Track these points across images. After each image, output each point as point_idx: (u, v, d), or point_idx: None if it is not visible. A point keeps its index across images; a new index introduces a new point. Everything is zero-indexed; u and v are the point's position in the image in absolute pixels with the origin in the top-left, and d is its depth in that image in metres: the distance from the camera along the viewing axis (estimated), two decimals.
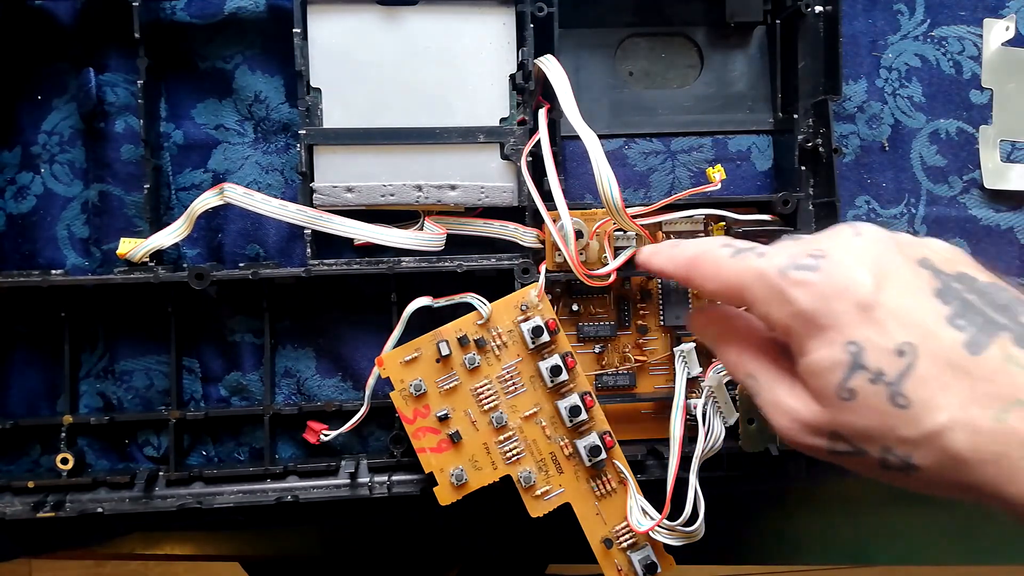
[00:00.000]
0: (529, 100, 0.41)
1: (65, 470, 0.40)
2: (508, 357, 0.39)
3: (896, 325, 0.26)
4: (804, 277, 0.27)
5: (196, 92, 0.43)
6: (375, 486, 0.40)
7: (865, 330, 0.26)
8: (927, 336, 0.25)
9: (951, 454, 0.25)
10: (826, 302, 0.27)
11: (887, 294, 0.26)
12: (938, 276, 0.27)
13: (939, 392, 0.25)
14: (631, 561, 0.39)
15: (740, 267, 0.29)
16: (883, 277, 0.27)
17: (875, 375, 0.26)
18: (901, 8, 0.46)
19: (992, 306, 0.26)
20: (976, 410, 0.24)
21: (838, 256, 0.27)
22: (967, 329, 0.25)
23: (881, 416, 0.26)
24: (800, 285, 0.27)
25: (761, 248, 0.29)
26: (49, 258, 0.42)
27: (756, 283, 0.28)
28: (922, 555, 0.51)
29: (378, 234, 0.40)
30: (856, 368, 0.26)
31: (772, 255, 0.29)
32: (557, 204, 0.38)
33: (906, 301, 0.26)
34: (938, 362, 0.25)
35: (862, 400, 0.26)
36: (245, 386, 0.43)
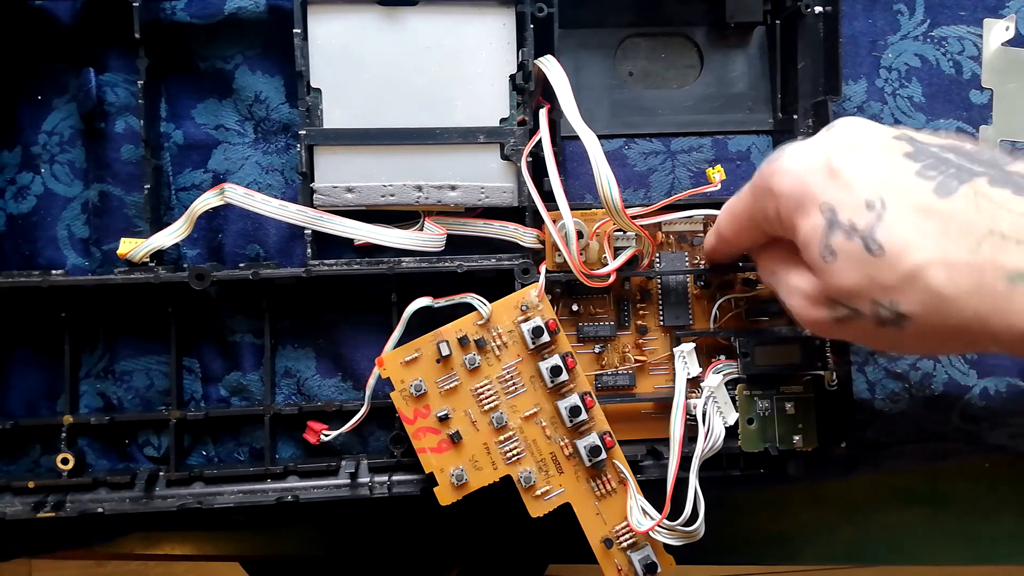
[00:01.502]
0: (529, 100, 0.41)
1: (65, 470, 0.40)
2: (508, 357, 0.39)
3: (863, 182, 0.27)
4: (773, 167, 0.30)
5: (196, 92, 0.43)
6: (375, 486, 0.40)
7: (835, 192, 0.28)
8: (894, 188, 0.27)
9: (933, 292, 0.25)
10: (798, 177, 0.29)
11: (853, 157, 0.28)
12: (913, 143, 0.28)
13: (911, 234, 0.26)
14: (631, 561, 0.39)
15: (742, 193, 0.33)
16: (854, 146, 0.28)
17: (849, 230, 0.27)
18: (901, 8, 0.46)
19: (972, 159, 0.27)
20: (950, 245, 0.25)
21: (803, 141, 0.30)
22: (936, 178, 0.26)
23: (861, 267, 0.27)
24: (775, 173, 0.30)
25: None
26: (49, 258, 0.42)
27: (754, 198, 0.32)
28: (922, 555, 0.51)
29: (378, 234, 0.40)
30: (832, 227, 0.28)
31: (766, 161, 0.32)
32: (559, 204, 0.38)
33: (873, 162, 0.28)
34: (907, 208, 0.26)
35: (842, 256, 0.28)
36: (245, 386, 0.43)
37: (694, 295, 0.42)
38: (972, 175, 0.26)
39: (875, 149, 0.28)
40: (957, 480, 0.51)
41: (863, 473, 0.46)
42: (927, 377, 0.43)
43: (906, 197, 0.26)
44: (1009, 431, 0.45)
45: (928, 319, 0.26)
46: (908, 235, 0.26)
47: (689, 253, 0.42)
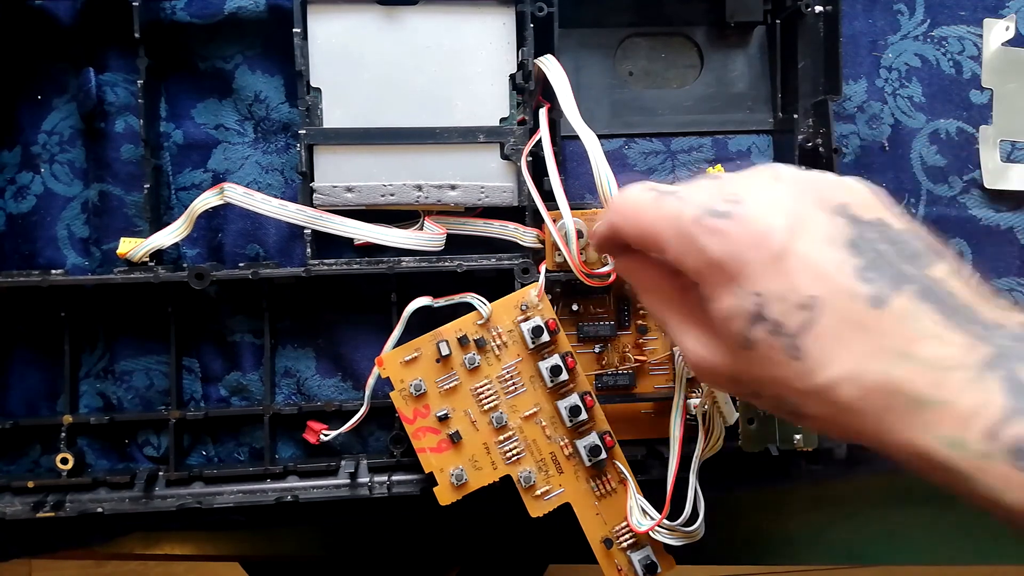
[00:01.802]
0: (529, 100, 0.41)
1: (65, 470, 0.40)
2: (508, 357, 0.39)
3: (804, 277, 0.26)
4: (717, 225, 0.27)
5: (196, 92, 0.43)
6: (375, 486, 0.40)
7: (772, 282, 0.26)
8: (835, 290, 0.25)
9: (839, 406, 0.25)
10: (737, 251, 0.27)
11: (799, 244, 0.26)
12: (854, 224, 0.27)
13: (836, 347, 0.25)
14: (631, 561, 0.39)
15: (658, 212, 0.29)
16: (797, 226, 0.26)
17: (775, 328, 0.26)
18: (901, 8, 0.46)
19: (903, 256, 0.26)
20: (869, 364, 0.25)
21: (753, 203, 0.27)
22: (875, 282, 0.25)
23: (778, 367, 0.26)
24: (712, 233, 0.27)
25: (682, 191, 0.29)
26: (49, 258, 0.42)
27: (671, 229, 0.28)
28: (922, 555, 0.51)
29: (378, 234, 0.40)
30: (758, 319, 0.26)
31: (688, 199, 0.28)
32: (559, 203, 0.38)
33: (817, 252, 0.26)
34: (840, 317, 0.25)
35: (760, 351, 0.26)
36: (245, 386, 0.43)
37: None
38: (903, 282, 0.25)
39: (820, 231, 0.26)
40: None
41: (863, 473, 0.46)
42: None
43: (841, 306, 0.25)
44: None
45: (828, 425, 0.26)
46: (833, 349, 0.25)
47: None
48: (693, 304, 0.30)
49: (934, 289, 0.25)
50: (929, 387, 0.24)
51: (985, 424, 0.23)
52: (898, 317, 0.25)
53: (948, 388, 0.24)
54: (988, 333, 0.24)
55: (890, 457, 0.25)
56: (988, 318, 0.25)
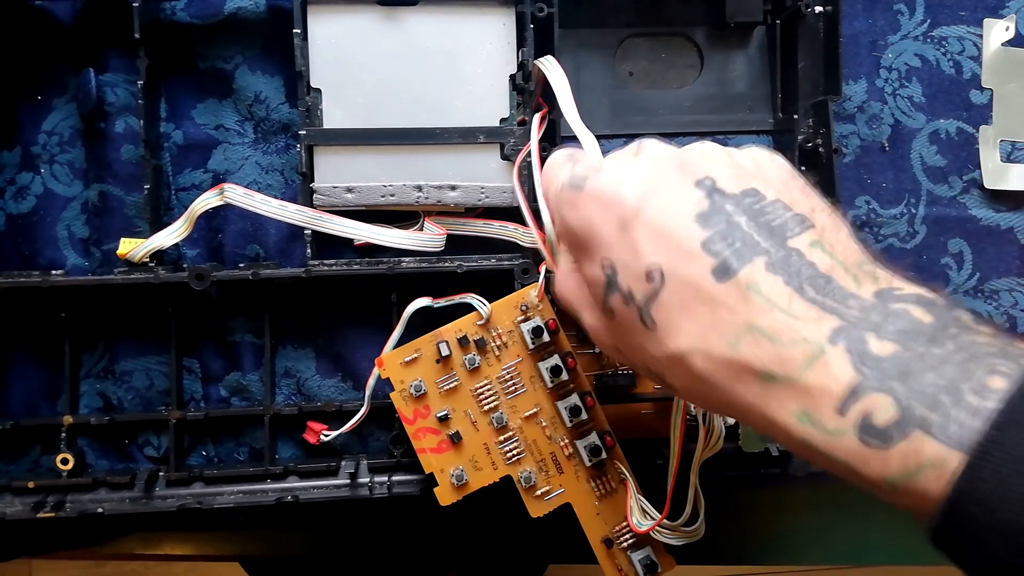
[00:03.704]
0: (529, 100, 0.41)
1: (65, 470, 0.40)
2: (508, 357, 0.39)
3: (649, 246, 0.26)
4: (571, 195, 0.28)
5: (196, 92, 0.43)
6: (375, 486, 0.40)
7: (620, 251, 0.26)
8: (679, 260, 0.25)
9: (695, 377, 0.25)
10: (588, 220, 0.27)
11: (647, 214, 0.26)
12: (711, 196, 0.26)
13: (681, 319, 0.25)
14: (631, 561, 0.39)
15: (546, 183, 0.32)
16: (648, 195, 0.26)
17: (627, 296, 0.26)
18: (901, 8, 0.46)
19: (761, 228, 0.25)
20: (713, 337, 0.24)
21: (607, 173, 0.28)
22: (721, 254, 0.25)
23: (636, 335, 0.27)
24: (568, 203, 0.28)
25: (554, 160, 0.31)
26: (49, 258, 0.42)
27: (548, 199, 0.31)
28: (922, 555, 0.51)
29: (378, 234, 0.40)
30: (612, 288, 0.27)
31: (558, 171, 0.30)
32: (541, 210, 0.38)
33: (665, 222, 0.26)
34: (684, 288, 0.25)
35: (619, 319, 0.27)
36: (245, 386, 0.43)
37: None
38: (754, 253, 0.25)
39: (671, 201, 0.26)
40: None
41: None
42: None
43: (684, 275, 0.25)
44: None
45: (693, 395, 0.26)
46: (677, 319, 0.25)
47: None
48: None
49: (789, 260, 0.24)
50: (775, 362, 0.23)
51: (834, 400, 0.22)
52: (743, 289, 0.24)
53: (793, 363, 0.23)
54: (840, 304, 0.24)
55: (757, 431, 0.25)
56: (846, 288, 0.24)
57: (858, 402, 0.22)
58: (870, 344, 0.22)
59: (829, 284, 0.24)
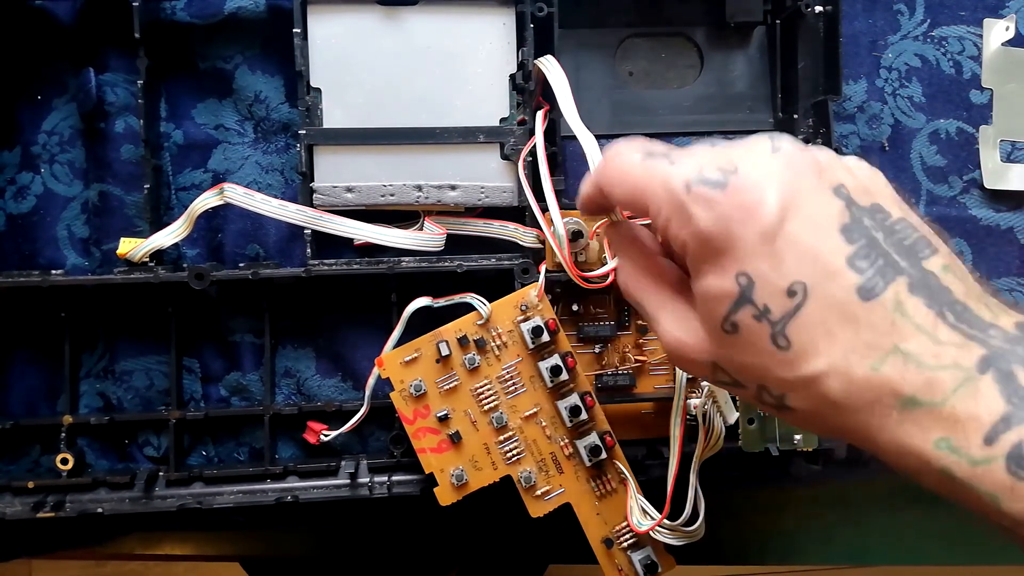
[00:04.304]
0: (529, 100, 0.41)
1: (65, 470, 0.40)
2: (508, 357, 0.39)
3: (794, 261, 0.24)
4: (708, 194, 0.25)
5: (196, 92, 0.43)
6: (375, 486, 0.40)
7: (760, 262, 0.25)
8: (824, 277, 0.24)
9: (825, 400, 0.24)
10: (727, 225, 0.25)
11: (792, 225, 0.25)
12: (850, 208, 0.25)
13: (822, 338, 0.24)
14: (631, 561, 0.39)
15: (647, 173, 0.27)
16: (791, 204, 0.25)
17: (760, 312, 0.25)
18: (901, 8, 0.46)
19: (897, 247, 0.25)
20: (855, 358, 0.24)
21: (747, 174, 0.25)
22: (865, 272, 0.24)
23: (760, 355, 0.25)
24: (703, 203, 0.25)
25: (675, 154, 0.27)
26: (49, 258, 0.42)
27: (660, 193, 0.26)
28: (922, 555, 0.51)
29: (378, 234, 0.40)
30: (744, 302, 0.25)
31: (682, 163, 0.26)
32: (550, 207, 0.38)
33: (810, 235, 0.24)
34: (827, 307, 0.24)
35: (744, 336, 0.25)
36: (245, 386, 0.43)
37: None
38: (896, 273, 0.24)
39: (815, 212, 0.25)
40: None
41: (863, 473, 0.46)
42: None
43: (829, 294, 0.24)
44: None
45: (814, 418, 0.25)
46: (817, 338, 0.24)
47: None
48: (674, 281, 0.29)
49: (928, 283, 0.24)
50: (920, 387, 0.23)
51: (982, 429, 0.22)
52: (888, 310, 0.23)
53: (940, 389, 0.23)
54: (982, 333, 0.23)
55: (878, 456, 0.24)
56: (983, 317, 0.24)
57: (1010, 431, 0.22)
58: (1019, 376, 0.22)
59: (967, 312, 0.24)
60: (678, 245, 0.26)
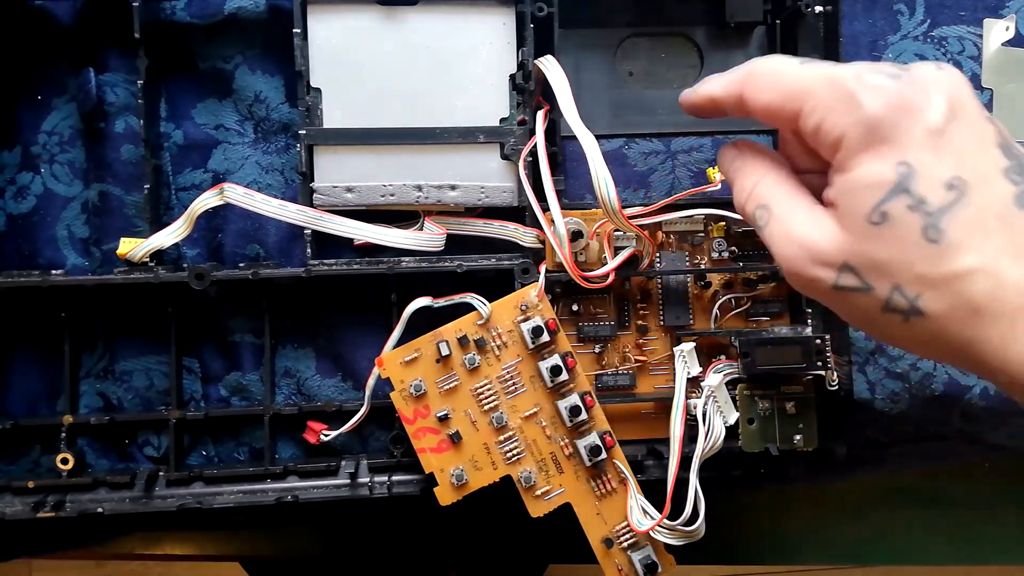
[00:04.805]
0: (529, 100, 0.41)
1: (65, 470, 0.40)
2: (508, 357, 0.39)
3: (956, 159, 0.25)
4: (882, 82, 0.26)
5: (196, 92, 0.43)
6: (375, 486, 0.40)
7: (923, 154, 0.25)
8: (982, 178, 0.25)
9: (967, 301, 0.24)
10: (896, 114, 0.26)
11: (956, 127, 0.25)
12: (1001, 134, 0.26)
13: (977, 235, 0.24)
14: (631, 561, 0.39)
15: (809, 72, 0.28)
16: (957, 111, 0.26)
17: (917, 202, 0.25)
18: (901, 8, 0.46)
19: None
20: (1007, 262, 0.24)
21: (920, 76, 0.26)
22: (1020, 184, 0.25)
23: (907, 247, 0.25)
24: (876, 89, 0.26)
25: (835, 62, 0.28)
26: (49, 258, 0.42)
27: (826, 87, 0.27)
28: (922, 555, 0.51)
29: (378, 234, 0.40)
30: (900, 191, 0.25)
31: (849, 64, 0.27)
32: (551, 206, 0.38)
33: (971, 140, 0.25)
34: (985, 206, 0.24)
35: (893, 227, 0.25)
36: (245, 386, 0.43)
37: (694, 295, 0.42)
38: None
39: (975, 123, 0.26)
40: (957, 480, 0.51)
41: (863, 473, 0.46)
42: (927, 377, 0.43)
43: (988, 193, 0.25)
44: (1009, 431, 0.45)
45: (944, 324, 0.25)
46: (971, 235, 0.24)
47: (689, 253, 0.42)
48: (806, 184, 0.29)
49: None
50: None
51: None
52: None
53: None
54: None
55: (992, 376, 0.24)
56: None
57: None
58: None
59: None
60: (833, 137, 0.27)
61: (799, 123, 0.28)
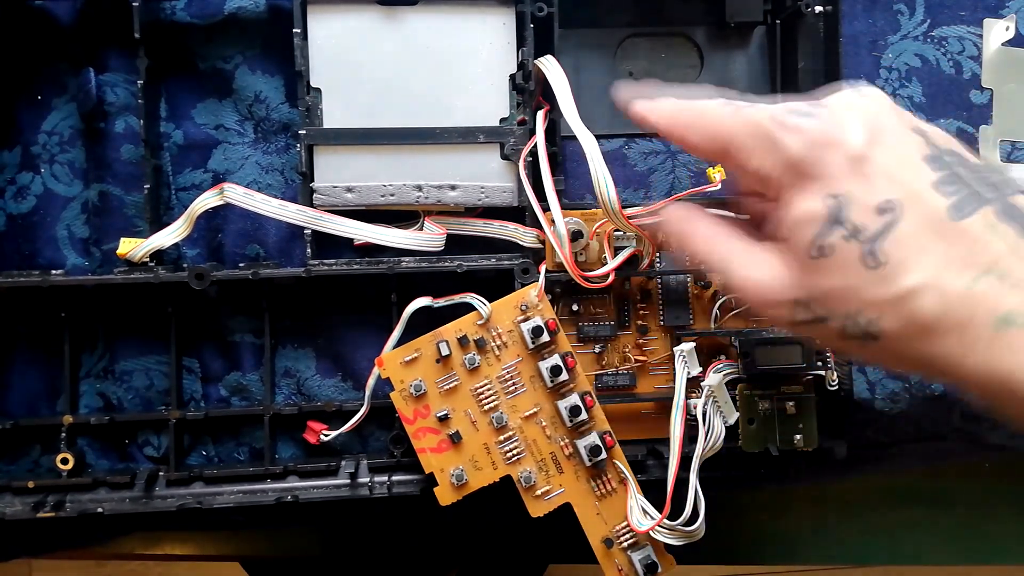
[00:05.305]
0: (529, 100, 0.41)
1: (65, 470, 0.40)
2: (508, 357, 0.39)
3: (883, 182, 0.25)
4: (798, 123, 0.27)
5: (196, 92, 0.43)
6: (375, 486, 0.40)
7: (850, 184, 0.25)
8: (913, 196, 0.25)
9: (917, 319, 0.24)
10: (816, 150, 0.26)
11: (879, 150, 0.26)
12: (930, 144, 0.26)
13: (916, 253, 0.24)
14: (631, 561, 0.39)
15: (732, 117, 0.28)
16: (877, 134, 0.26)
17: (852, 232, 0.25)
18: (901, 8, 0.46)
19: (980, 181, 0.25)
20: (950, 275, 0.24)
21: (835, 108, 0.27)
22: (952, 196, 0.25)
23: (851, 276, 0.25)
24: (793, 131, 0.27)
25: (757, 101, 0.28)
26: (49, 258, 0.42)
27: (746, 131, 0.27)
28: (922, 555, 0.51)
29: (378, 234, 0.40)
30: (834, 223, 0.25)
31: (768, 106, 0.28)
32: (551, 206, 0.38)
33: (896, 160, 0.26)
34: (920, 223, 0.25)
35: (834, 258, 0.25)
36: (245, 386, 0.43)
37: (694, 295, 0.42)
38: (983, 202, 0.25)
39: (899, 141, 0.26)
40: (957, 480, 0.51)
41: (863, 473, 0.46)
42: None
43: (922, 210, 0.25)
44: (1009, 431, 0.45)
45: (900, 344, 0.25)
46: (911, 254, 0.24)
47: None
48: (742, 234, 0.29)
49: (1015, 213, 0.24)
50: (1017, 305, 0.23)
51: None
52: (980, 231, 0.24)
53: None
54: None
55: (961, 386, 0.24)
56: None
57: None
58: None
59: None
60: (761, 177, 0.27)
61: (730, 164, 0.29)
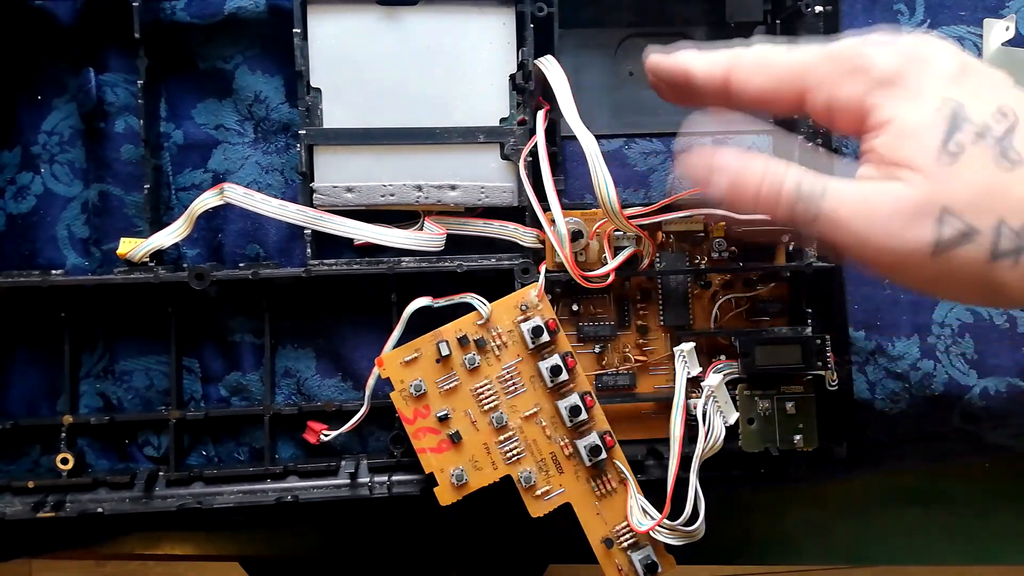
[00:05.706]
0: (529, 100, 0.41)
1: (65, 470, 0.40)
2: (508, 357, 0.39)
3: (990, 91, 0.25)
4: (883, 39, 0.25)
5: (196, 92, 0.43)
6: (375, 486, 0.40)
7: (960, 90, 0.24)
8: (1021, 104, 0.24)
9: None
10: (913, 63, 0.25)
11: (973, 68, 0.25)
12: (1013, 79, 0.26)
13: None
14: (631, 561, 0.39)
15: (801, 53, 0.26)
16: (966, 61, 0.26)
17: (981, 131, 0.24)
18: (901, 8, 0.46)
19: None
20: None
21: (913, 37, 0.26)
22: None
23: (990, 177, 0.23)
24: (882, 47, 0.25)
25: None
26: (49, 258, 0.42)
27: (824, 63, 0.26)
28: (922, 555, 0.51)
29: (378, 234, 0.40)
30: (961, 121, 0.24)
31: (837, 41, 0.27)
32: (551, 206, 0.38)
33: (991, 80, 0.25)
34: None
35: (968, 159, 0.24)
36: (245, 386, 0.43)
37: (694, 295, 0.42)
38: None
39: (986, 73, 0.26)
40: (957, 480, 0.51)
41: (863, 473, 0.46)
42: (927, 377, 0.43)
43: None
44: (1009, 431, 0.45)
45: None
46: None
47: (689, 253, 0.42)
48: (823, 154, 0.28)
49: None
50: None
51: None
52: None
53: None
54: None
55: None
56: None
57: None
58: None
59: None
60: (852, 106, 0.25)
61: (806, 104, 0.27)
